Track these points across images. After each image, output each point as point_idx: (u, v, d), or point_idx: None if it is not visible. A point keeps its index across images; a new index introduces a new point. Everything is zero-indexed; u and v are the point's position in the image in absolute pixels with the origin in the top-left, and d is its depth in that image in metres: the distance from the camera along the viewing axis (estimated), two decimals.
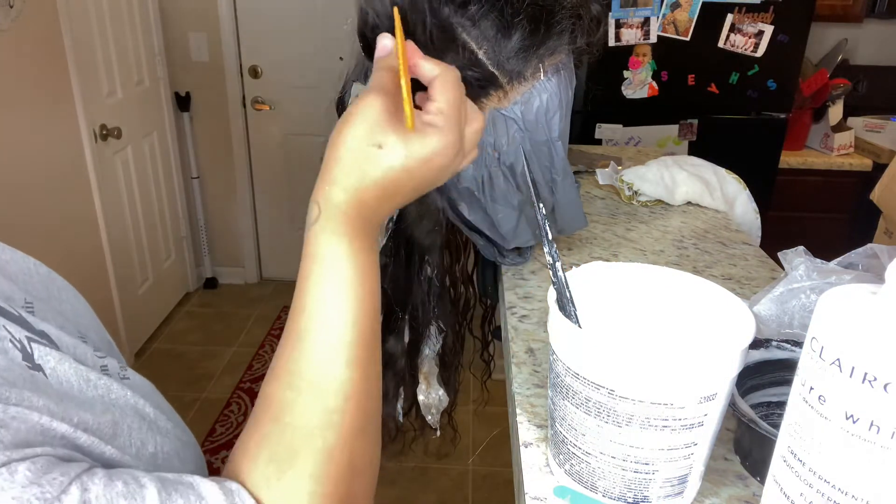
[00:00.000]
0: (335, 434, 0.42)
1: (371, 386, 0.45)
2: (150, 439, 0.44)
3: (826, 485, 0.37)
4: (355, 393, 0.43)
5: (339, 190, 0.43)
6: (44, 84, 2.05)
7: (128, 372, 0.48)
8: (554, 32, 0.66)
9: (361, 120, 0.43)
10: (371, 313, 0.45)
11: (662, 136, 2.37)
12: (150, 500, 0.35)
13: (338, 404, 0.42)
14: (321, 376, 0.42)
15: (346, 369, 0.43)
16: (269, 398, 0.43)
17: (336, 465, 0.42)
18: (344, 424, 0.42)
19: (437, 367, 0.85)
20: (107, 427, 0.40)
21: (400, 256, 0.75)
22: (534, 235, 0.84)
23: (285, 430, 0.41)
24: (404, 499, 2.09)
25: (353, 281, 0.44)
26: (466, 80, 0.65)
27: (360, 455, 0.44)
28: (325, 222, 0.43)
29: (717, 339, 0.50)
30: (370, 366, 0.45)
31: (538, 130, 0.73)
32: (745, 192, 1.18)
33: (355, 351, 0.43)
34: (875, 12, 2.72)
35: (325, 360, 0.43)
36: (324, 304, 0.43)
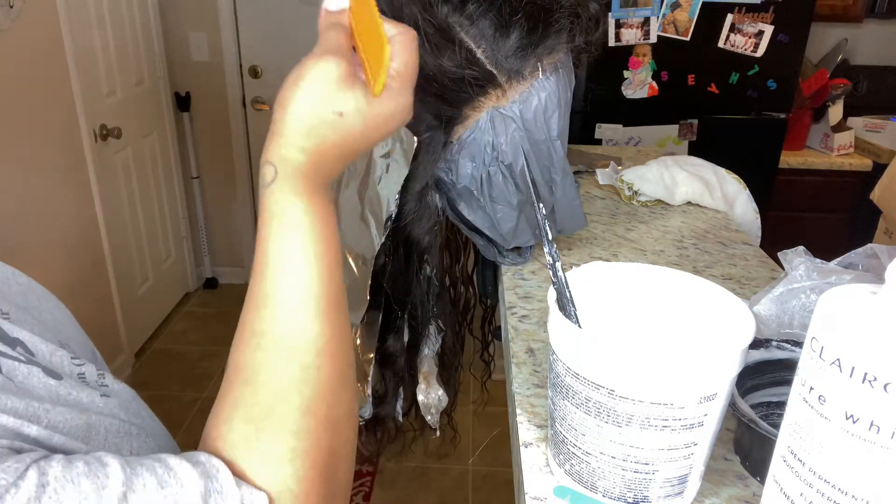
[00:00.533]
0: (311, 389, 0.42)
1: (342, 338, 0.45)
2: (125, 445, 0.43)
3: (826, 485, 0.37)
4: (327, 346, 0.43)
5: (296, 151, 0.43)
6: (44, 84, 2.05)
7: (106, 379, 0.47)
8: (552, 31, 0.66)
9: (318, 85, 0.42)
10: (335, 266, 0.45)
11: (662, 136, 2.37)
12: (114, 476, 0.34)
13: (311, 359, 0.42)
14: (292, 332, 0.42)
15: (316, 323, 0.42)
16: (238, 363, 0.42)
17: (315, 419, 0.41)
18: (319, 379, 0.42)
19: (437, 367, 0.85)
20: (80, 429, 0.39)
21: (399, 255, 0.75)
22: (534, 235, 0.84)
23: (259, 390, 0.41)
24: (404, 499, 2.09)
25: (315, 236, 0.43)
26: (464, 80, 0.66)
27: (337, 408, 0.44)
28: (283, 183, 0.43)
29: (717, 339, 0.50)
30: (339, 318, 0.45)
31: (537, 130, 0.73)
32: (745, 192, 1.18)
33: (323, 304, 0.43)
34: (875, 12, 2.72)
35: (294, 316, 0.42)
36: (289, 261, 0.43)
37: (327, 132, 0.43)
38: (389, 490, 2.11)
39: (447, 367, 0.87)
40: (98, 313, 2.41)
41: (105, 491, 0.33)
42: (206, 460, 0.38)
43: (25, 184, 1.97)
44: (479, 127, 0.71)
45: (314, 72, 0.42)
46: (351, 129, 0.43)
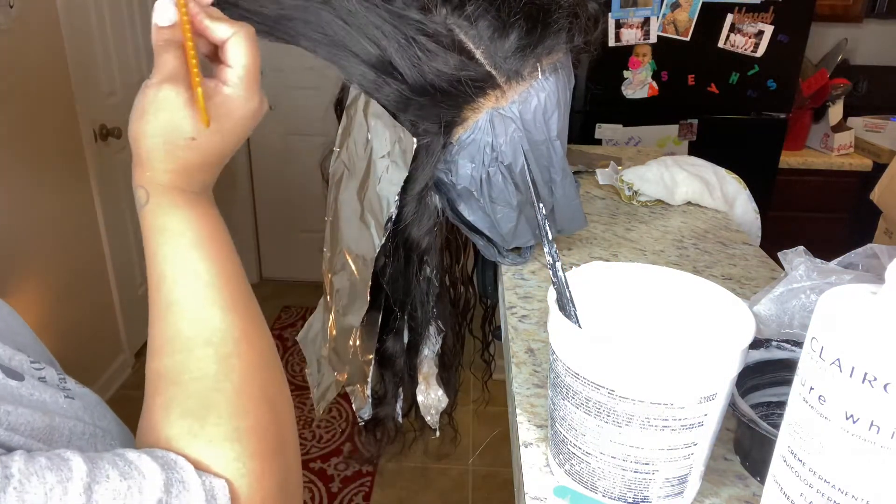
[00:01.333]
0: (239, 375, 0.43)
1: (256, 324, 0.46)
2: (90, 447, 0.43)
3: (826, 485, 0.37)
4: (242, 333, 0.44)
5: (161, 173, 0.44)
6: (44, 84, 2.05)
7: (68, 383, 0.47)
8: (551, 31, 0.66)
9: (161, 116, 0.43)
10: (230, 260, 0.46)
11: (662, 136, 2.37)
12: (77, 469, 0.34)
13: (230, 349, 0.43)
14: (203, 329, 0.43)
15: (225, 316, 0.44)
16: (158, 371, 0.43)
17: (250, 399, 0.42)
18: (242, 365, 0.43)
19: (437, 368, 0.85)
20: (42, 431, 0.39)
21: (398, 256, 0.75)
22: (533, 235, 0.84)
23: (188, 386, 0.41)
24: (404, 499, 2.09)
25: (202, 236, 0.45)
26: (463, 81, 0.66)
27: (271, 387, 0.45)
28: (157, 199, 0.44)
29: (717, 339, 0.50)
30: (248, 307, 0.46)
31: (536, 130, 0.73)
32: (745, 192, 1.18)
33: (227, 296, 0.44)
34: (875, 12, 2.72)
35: (201, 314, 0.43)
36: (182, 265, 0.44)
37: (185, 154, 0.44)
38: (389, 490, 2.11)
39: (447, 368, 0.87)
40: (98, 313, 2.41)
41: (70, 483, 0.33)
42: (163, 455, 0.39)
43: (25, 184, 1.97)
44: (478, 128, 0.71)
45: (155, 105, 0.43)
46: (208, 145, 0.44)
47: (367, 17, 0.61)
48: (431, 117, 0.68)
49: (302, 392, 2.54)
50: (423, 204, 0.72)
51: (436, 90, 0.65)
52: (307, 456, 2.24)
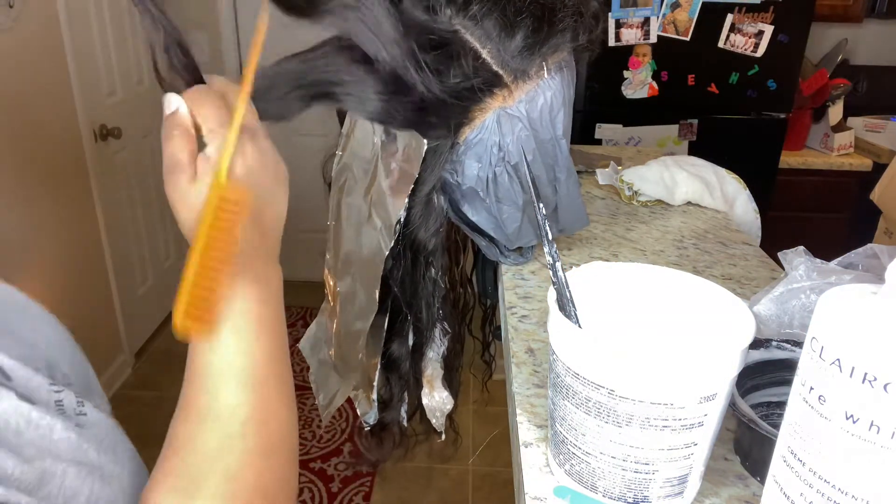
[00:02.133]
0: (236, 458, 0.42)
1: (269, 408, 0.45)
2: (86, 488, 0.42)
3: (826, 485, 0.37)
4: (252, 414, 0.43)
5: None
6: (44, 84, 2.05)
7: (85, 408, 0.46)
8: (557, 30, 0.66)
9: (182, 204, 0.44)
10: (262, 339, 0.45)
11: (662, 136, 2.37)
12: None
13: (235, 429, 0.43)
14: (213, 405, 0.43)
15: (239, 391, 0.43)
16: (171, 434, 0.44)
17: (242, 485, 0.42)
18: (244, 448, 0.43)
19: (442, 370, 0.85)
20: (32, 477, 0.38)
21: (406, 259, 0.75)
22: (536, 235, 0.84)
23: (186, 459, 0.42)
24: (404, 499, 2.09)
25: (235, 314, 0.44)
26: (470, 89, 0.65)
27: (269, 476, 0.44)
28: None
29: (717, 339, 0.50)
30: (266, 389, 0.45)
31: (543, 129, 0.73)
32: (745, 192, 1.18)
33: (246, 376, 0.44)
34: (875, 12, 2.72)
35: (213, 390, 0.43)
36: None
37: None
38: (389, 490, 2.11)
39: (450, 370, 0.87)
40: (98, 313, 2.41)
41: None
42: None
43: (25, 184, 1.97)
44: (485, 127, 0.71)
45: (173, 196, 0.44)
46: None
47: (381, 25, 0.60)
48: (441, 122, 0.68)
49: (302, 392, 2.54)
50: (430, 205, 0.72)
51: (446, 102, 0.65)
52: (307, 456, 2.24)
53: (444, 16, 0.63)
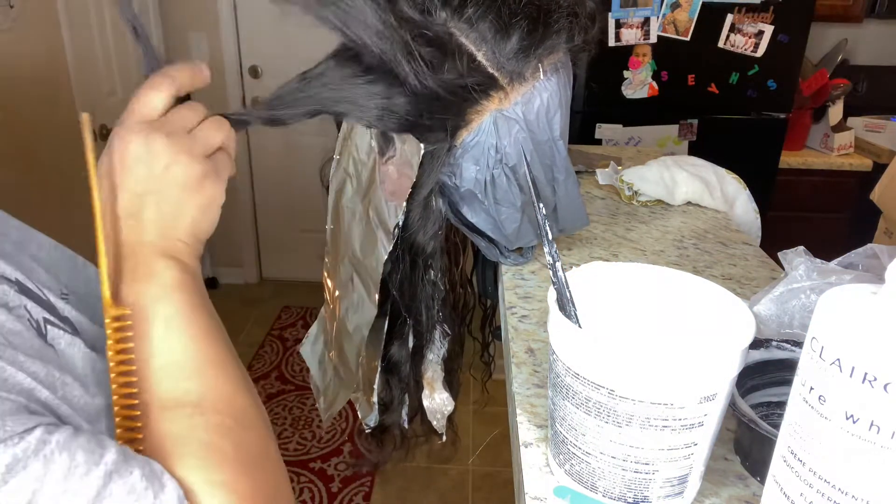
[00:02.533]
0: (206, 433, 0.43)
1: (224, 389, 0.46)
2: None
3: (826, 485, 0.37)
4: (205, 397, 0.44)
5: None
6: (44, 84, 2.05)
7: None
8: (552, 31, 0.66)
9: None
10: (194, 329, 0.46)
11: (662, 136, 2.37)
12: (108, 457, 0.36)
13: (192, 410, 0.43)
14: (165, 396, 0.44)
15: (185, 382, 0.44)
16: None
17: (221, 455, 0.43)
18: (209, 423, 0.43)
19: (442, 372, 0.84)
20: (93, 409, 0.41)
21: (405, 261, 0.75)
22: (536, 235, 0.84)
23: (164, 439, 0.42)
24: (404, 499, 2.09)
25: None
26: (467, 85, 0.65)
27: (246, 447, 0.45)
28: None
29: (717, 339, 0.50)
30: (211, 373, 0.46)
31: (540, 130, 0.73)
32: (745, 192, 1.18)
33: (187, 366, 0.44)
34: (875, 12, 2.72)
35: (158, 382, 0.44)
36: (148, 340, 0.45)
37: None
38: (389, 490, 2.11)
39: (450, 371, 0.87)
40: None
41: (95, 467, 0.36)
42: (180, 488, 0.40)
43: (25, 184, 1.97)
44: (482, 130, 0.71)
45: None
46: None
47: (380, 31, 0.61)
48: (437, 124, 0.68)
49: (302, 392, 2.54)
50: (428, 208, 0.72)
51: (441, 98, 0.65)
52: (307, 456, 2.24)
53: (440, 18, 0.63)
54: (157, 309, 0.45)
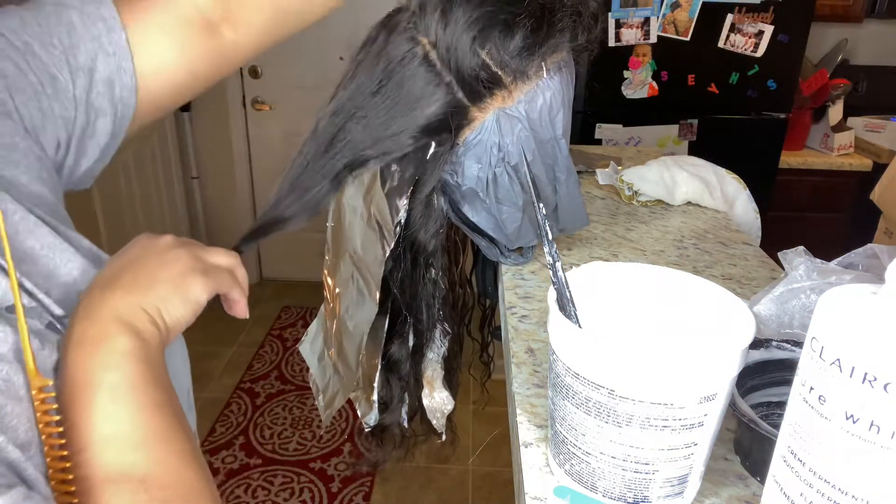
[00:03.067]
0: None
1: (166, 468, 0.43)
2: None
3: (826, 485, 0.37)
4: (150, 473, 0.41)
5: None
6: None
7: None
8: (556, 30, 0.66)
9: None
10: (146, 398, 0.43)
11: (662, 136, 2.37)
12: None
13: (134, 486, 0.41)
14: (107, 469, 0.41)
15: (130, 455, 0.41)
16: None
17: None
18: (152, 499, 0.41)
19: (442, 371, 0.84)
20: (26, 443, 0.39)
21: (406, 260, 0.75)
22: (536, 235, 0.84)
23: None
24: (404, 498, 2.09)
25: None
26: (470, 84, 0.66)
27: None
28: None
29: (717, 339, 0.50)
30: (160, 447, 0.43)
31: (542, 129, 0.73)
32: (745, 192, 1.18)
33: (134, 439, 0.42)
34: (875, 12, 2.72)
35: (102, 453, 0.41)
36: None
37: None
38: (389, 490, 2.11)
39: (450, 370, 0.87)
40: None
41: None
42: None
43: None
44: (485, 128, 0.71)
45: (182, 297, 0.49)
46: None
47: None
48: (442, 123, 0.68)
49: (302, 392, 2.54)
50: (430, 206, 0.72)
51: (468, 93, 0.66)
52: (307, 456, 2.24)
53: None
54: (103, 376, 0.42)
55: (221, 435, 2.30)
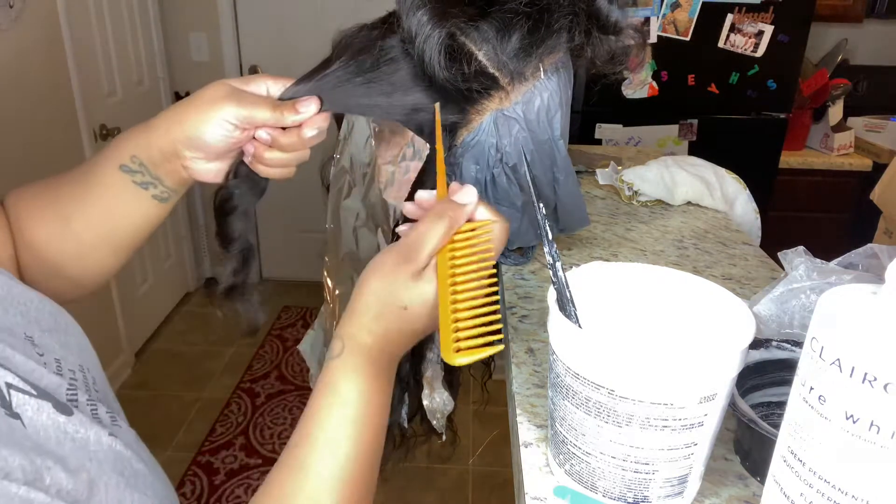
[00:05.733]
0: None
1: (367, 476, 0.47)
2: (128, 497, 0.42)
3: (826, 485, 0.37)
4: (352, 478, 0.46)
5: (366, 333, 0.48)
6: (44, 84, 2.05)
7: (119, 420, 0.47)
8: (553, 31, 0.66)
9: (392, 277, 0.48)
10: (371, 451, 0.48)
11: (662, 136, 2.37)
12: None
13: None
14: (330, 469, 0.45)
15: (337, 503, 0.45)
16: (280, 483, 0.45)
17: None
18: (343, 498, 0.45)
19: (442, 371, 0.84)
20: (83, 488, 0.39)
21: None
22: (536, 235, 0.84)
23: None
24: (404, 499, 2.09)
25: (363, 420, 0.47)
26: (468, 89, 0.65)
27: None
28: (349, 357, 0.48)
29: (717, 339, 0.50)
30: (361, 496, 0.47)
31: (540, 130, 0.73)
32: (745, 192, 1.18)
33: (347, 488, 0.46)
34: (875, 12, 2.72)
35: (316, 494, 0.45)
36: (331, 436, 0.46)
37: (392, 320, 0.48)
38: (389, 490, 2.11)
39: (450, 371, 0.87)
40: (98, 313, 2.41)
41: None
42: None
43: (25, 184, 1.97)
44: (482, 129, 0.71)
45: (391, 266, 0.49)
46: (415, 320, 0.49)
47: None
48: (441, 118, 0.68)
49: (302, 392, 2.54)
50: None
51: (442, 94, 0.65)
52: None
53: None
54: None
55: (221, 435, 2.30)
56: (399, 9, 0.62)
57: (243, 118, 0.55)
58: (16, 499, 0.34)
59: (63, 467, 0.38)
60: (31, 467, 0.36)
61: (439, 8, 0.61)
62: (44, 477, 0.36)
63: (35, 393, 0.41)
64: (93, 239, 0.56)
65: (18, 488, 0.34)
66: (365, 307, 0.48)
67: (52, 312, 0.51)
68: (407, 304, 0.48)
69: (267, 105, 0.56)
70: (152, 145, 0.58)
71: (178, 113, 0.57)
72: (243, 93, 0.56)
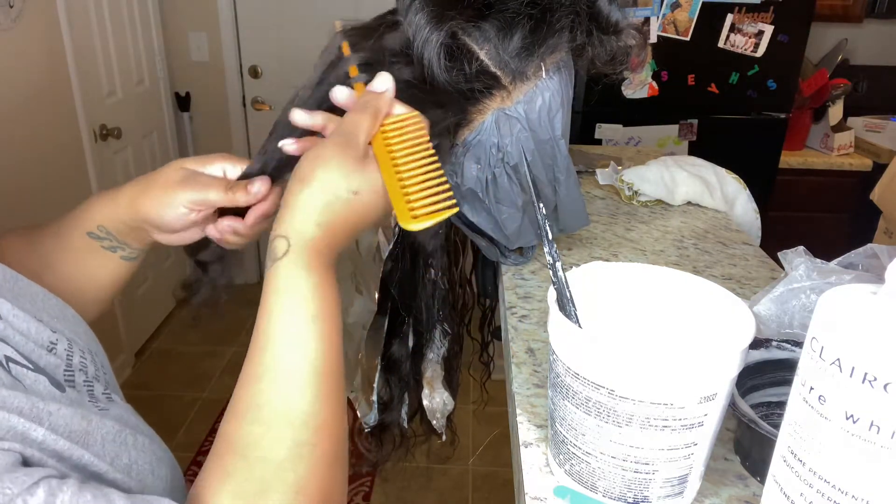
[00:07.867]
0: (305, 467, 0.42)
1: (338, 417, 0.45)
2: (124, 452, 0.43)
3: (826, 485, 0.37)
4: (324, 424, 0.43)
5: (312, 226, 0.45)
6: (44, 84, 2.05)
7: (113, 396, 0.48)
8: (554, 30, 0.66)
9: (337, 164, 0.46)
10: (336, 345, 0.45)
11: (662, 136, 2.37)
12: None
13: (307, 436, 0.42)
14: (289, 409, 0.42)
15: (315, 401, 0.43)
16: (231, 435, 0.42)
17: (307, 497, 0.41)
18: (314, 456, 0.42)
19: (442, 371, 0.84)
20: (80, 433, 0.40)
21: (405, 260, 0.75)
22: (536, 235, 0.84)
23: (254, 465, 0.41)
24: (404, 499, 2.09)
25: (321, 315, 0.44)
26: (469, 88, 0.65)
27: (330, 486, 0.44)
28: (298, 255, 0.44)
29: (717, 339, 0.50)
30: (337, 398, 0.45)
31: (541, 129, 0.73)
32: (745, 192, 1.18)
33: (323, 383, 0.43)
34: (875, 12, 2.72)
35: (294, 392, 0.42)
36: (293, 337, 0.43)
37: (341, 208, 0.46)
38: (389, 490, 2.11)
39: (450, 371, 0.87)
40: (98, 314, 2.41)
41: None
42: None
43: (25, 184, 1.97)
44: (484, 129, 0.71)
45: (333, 152, 0.46)
46: (362, 207, 0.47)
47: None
48: (439, 122, 0.68)
49: None
50: None
51: (443, 93, 0.65)
52: None
53: None
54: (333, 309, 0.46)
55: None
56: (398, 10, 0.62)
57: (198, 202, 0.56)
58: (13, 429, 0.35)
59: (62, 416, 0.39)
60: (31, 409, 0.37)
61: (437, 10, 0.60)
62: (42, 418, 0.38)
63: (32, 367, 0.42)
64: (63, 294, 0.56)
65: (19, 420, 0.36)
66: (309, 198, 0.45)
67: (58, 304, 0.53)
68: (356, 188, 0.46)
69: (220, 187, 0.56)
70: (117, 218, 0.60)
71: (138, 192, 0.59)
72: (198, 176, 0.57)
